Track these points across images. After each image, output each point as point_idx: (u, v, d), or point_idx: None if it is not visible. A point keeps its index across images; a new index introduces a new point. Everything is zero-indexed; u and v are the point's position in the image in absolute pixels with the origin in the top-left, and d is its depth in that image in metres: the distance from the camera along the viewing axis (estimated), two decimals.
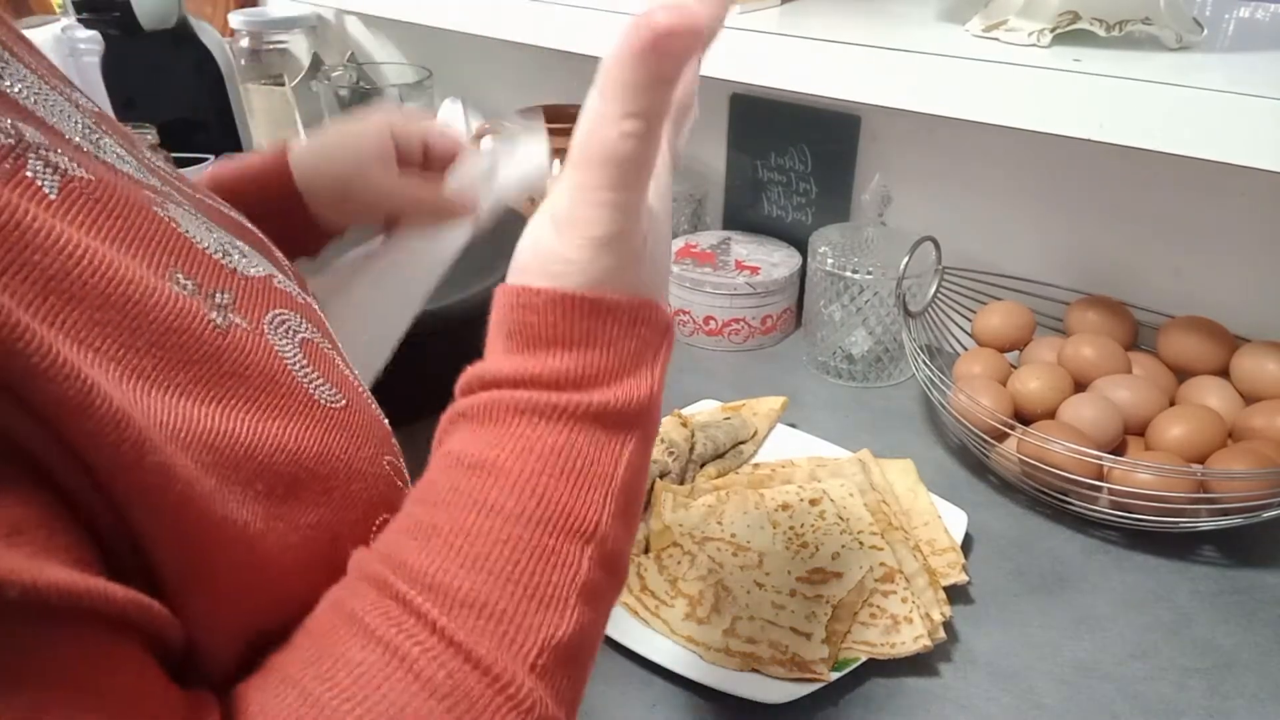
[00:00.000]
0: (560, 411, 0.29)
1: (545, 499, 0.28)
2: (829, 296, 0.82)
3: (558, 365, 0.29)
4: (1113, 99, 0.54)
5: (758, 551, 0.59)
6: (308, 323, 0.33)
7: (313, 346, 0.32)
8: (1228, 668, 0.55)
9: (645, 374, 0.30)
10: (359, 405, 0.33)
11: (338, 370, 0.33)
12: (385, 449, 0.33)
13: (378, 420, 0.34)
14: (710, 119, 1.00)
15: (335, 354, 0.34)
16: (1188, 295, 0.76)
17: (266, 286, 0.32)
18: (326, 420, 0.30)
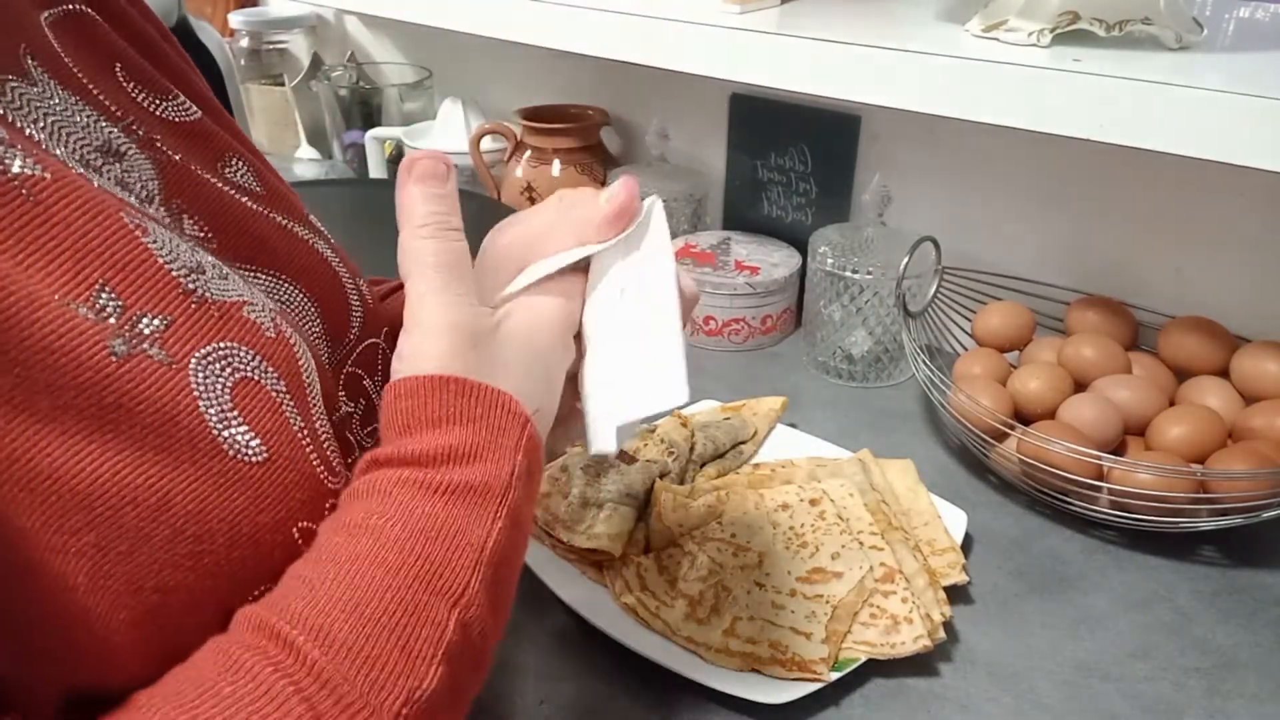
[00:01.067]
0: (430, 484, 0.31)
1: (419, 558, 0.29)
2: (829, 296, 0.82)
3: (425, 443, 0.32)
4: (1113, 99, 0.54)
5: (758, 551, 0.59)
6: (265, 362, 0.31)
7: (254, 388, 0.30)
8: (1228, 668, 0.55)
9: (505, 457, 0.32)
10: (288, 463, 0.30)
11: (278, 420, 0.30)
12: (303, 514, 0.31)
13: (310, 481, 0.31)
14: (710, 119, 1.00)
15: (290, 401, 0.31)
16: (1188, 295, 0.76)
17: (226, 314, 0.30)
18: (225, 474, 0.28)
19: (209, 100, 0.41)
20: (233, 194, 0.37)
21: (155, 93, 0.37)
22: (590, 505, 0.62)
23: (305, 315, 0.39)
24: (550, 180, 1.00)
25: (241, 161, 0.39)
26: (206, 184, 0.36)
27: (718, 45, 0.69)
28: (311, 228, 0.42)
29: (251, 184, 0.39)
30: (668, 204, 0.94)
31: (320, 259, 0.41)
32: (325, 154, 1.27)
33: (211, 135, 0.39)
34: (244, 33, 1.30)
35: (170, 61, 0.40)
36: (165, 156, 0.35)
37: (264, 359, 0.31)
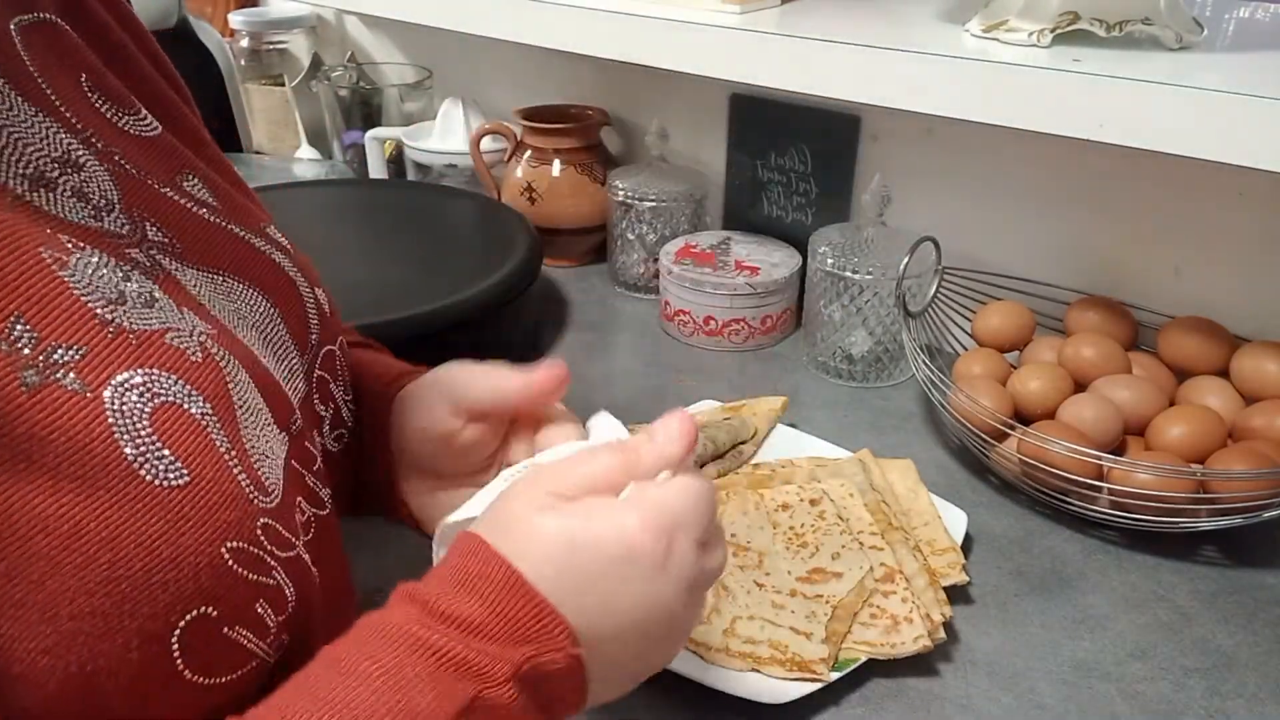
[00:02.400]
0: (433, 649, 0.32)
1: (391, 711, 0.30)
2: (829, 297, 0.82)
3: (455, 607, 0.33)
4: (1113, 99, 0.54)
5: (758, 551, 0.59)
6: (188, 386, 0.31)
7: (175, 413, 0.30)
8: (1228, 668, 0.55)
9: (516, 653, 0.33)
10: (212, 484, 0.31)
11: (202, 442, 0.31)
12: (231, 534, 0.31)
13: (237, 502, 0.31)
14: (710, 119, 1.00)
15: (216, 423, 0.32)
16: (1188, 295, 0.76)
17: (145, 341, 0.31)
18: (141, 499, 0.29)
19: (176, 112, 0.42)
20: (190, 207, 0.38)
21: (118, 106, 0.37)
22: None
23: (270, 321, 0.40)
24: (550, 180, 1.01)
25: (196, 177, 0.40)
26: (164, 197, 0.37)
27: (718, 45, 0.69)
28: (268, 239, 0.42)
29: (207, 198, 0.40)
30: (668, 204, 0.95)
31: (276, 268, 0.41)
32: (325, 154, 1.27)
33: (170, 151, 0.39)
34: (244, 33, 1.30)
35: (142, 73, 0.41)
36: (122, 170, 0.35)
37: (187, 383, 0.31)
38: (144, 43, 0.42)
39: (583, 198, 1.01)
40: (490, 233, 0.92)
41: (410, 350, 0.75)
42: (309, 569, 0.35)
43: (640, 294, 0.99)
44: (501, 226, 0.93)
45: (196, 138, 0.42)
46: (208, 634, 0.30)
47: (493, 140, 1.04)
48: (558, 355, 0.88)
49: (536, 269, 0.86)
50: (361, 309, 0.75)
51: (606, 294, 1.01)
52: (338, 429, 0.45)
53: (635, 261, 0.98)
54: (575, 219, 1.02)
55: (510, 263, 0.84)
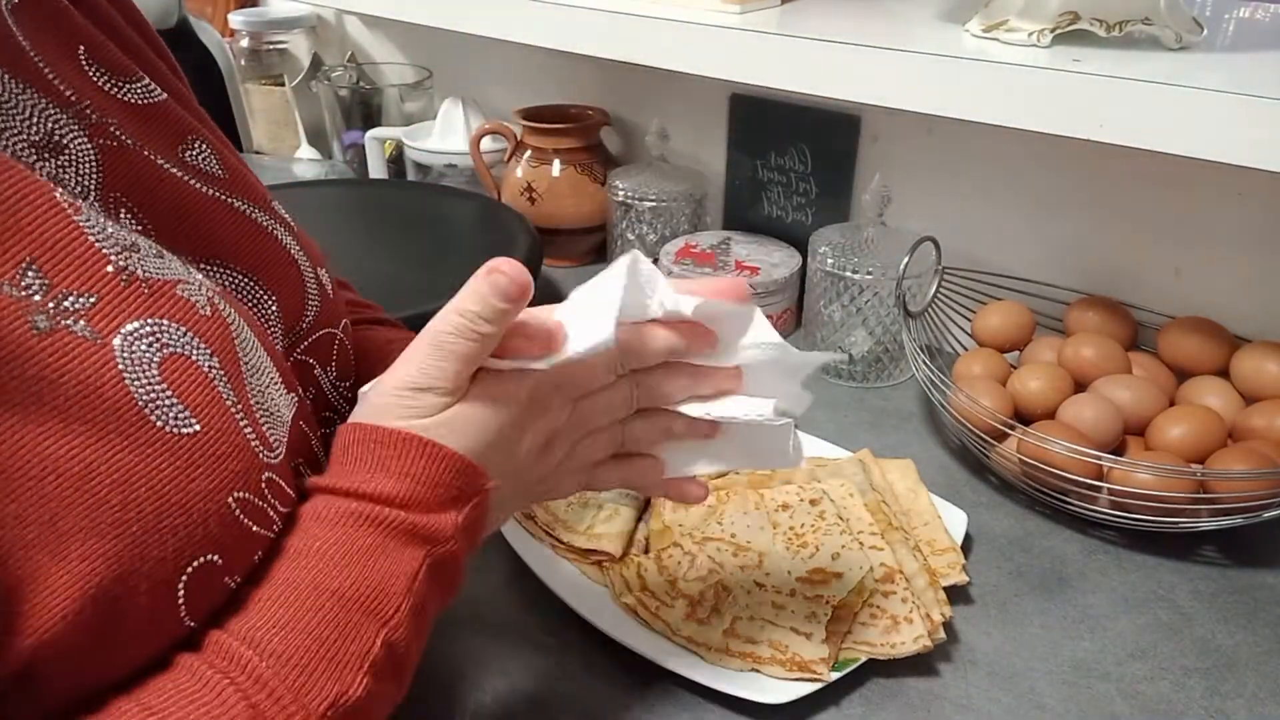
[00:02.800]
0: (375, 519, 0.34)
1: (355, 582, 0.33)
2: (829, 296, 0.82)
3: (382, 487, 0.35)
4: (1113, 99, 0.54)
5: (758, 551, 0.59)
6: (197, 339, 0.32)
7: (183, 364, 0.31)
8: (1228, 668, 0.55)
9: (451, 514, 0.36)
10: (220, 435, 0.31)
11: (210, 394, 0.32)
12: (238, 485, 0.32)
13: (244, 453, 0.32)
14: (710, 119, 1.00)
15: (224, 377, 0.33)
16: (1188, 295, 0.76)
17: (157, 291, 0.31)
18: (152, 444, 0.29)
19: (174, 85, 0.42)
20: (187, 180, 0.38)
21: (118, 75, 0.38)
22: (590, 505, 0.62)
23: (256, 301, 0.40)
24: (550, 180, 1.01)
25: (205, 144, 0.40)
26: (156, 170, 0.37)
27: (718, 45, 0.69)
28: (273, 214, 0.42)
29: (213, 167, 0.40)
30: (668, 204, 0.95)
31: (278, 245, 0.42)
32: (325, 154, 1.27)
33: (174, 117, 0.39)
34: (244, 33, 1.30)
35: (135, 45, 0.41)
36: (116, 142, 0.35)
37: (196, 335, 0.32)
38: (137, 22, 0.43)
39: (583, 198, 1.01)
40: (490, 233, 0.92)
41: None
42: None
43: None
44: (501, 226, 0.93)
45: (194, 108, 0.43)
46: (211, 581, 0.31)
47: (493, 140, 1.04)
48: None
49: (536, 269, 0.86)
50: None
51: None
52: (322, 411, 0.45)
53: None
54: (575, 219, 1.02)
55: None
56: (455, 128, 1.10)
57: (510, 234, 0.90)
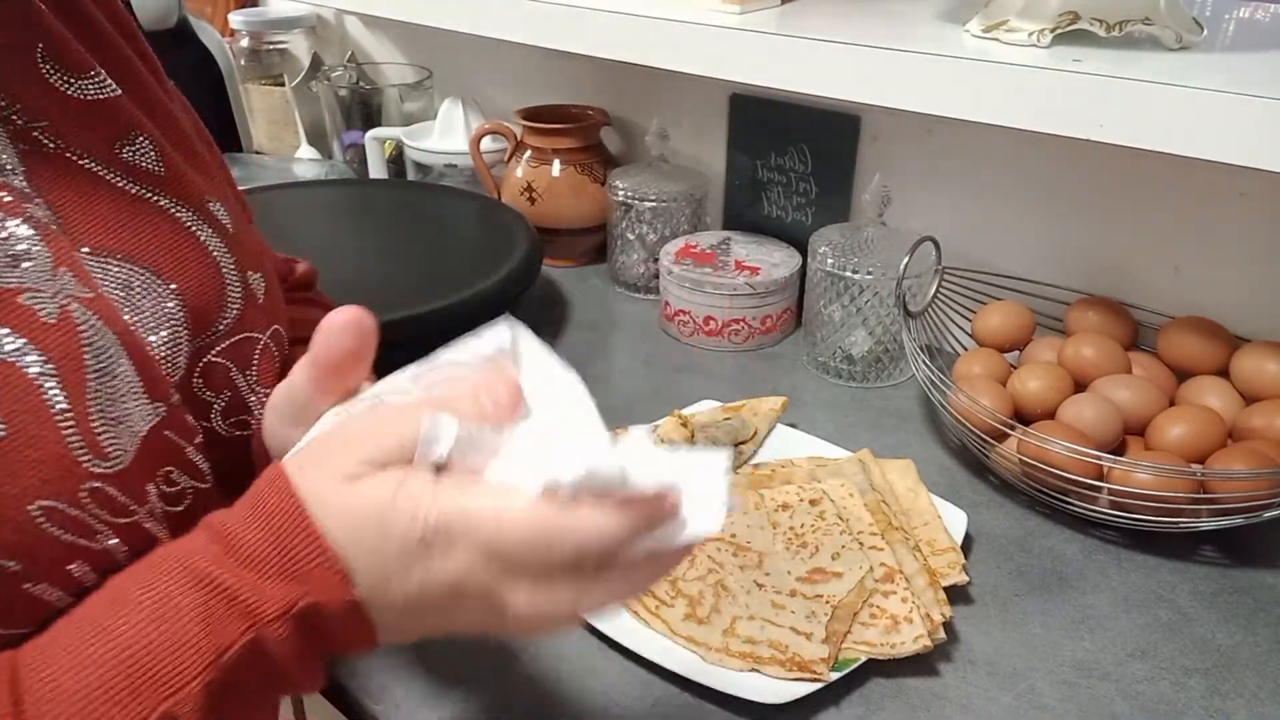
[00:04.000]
0: (204, 577, 0.31)
1: (148, 645, 0.30)
2: (829, 296, 0.82)
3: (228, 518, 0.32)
4: (1113, 99, 0.54)
5: (758, 551, 0.59)
6: (31, 346, 0.32)
7: (5, 369, 0.31)
8: (1228, 668, 0.55)
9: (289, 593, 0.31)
10: (28, 440, 0.31)
11: (29, 400, 0.31)
12: (44, 493, 0.31)
13: (57, 461, 0.31)
14: (710, 119, 1.00)
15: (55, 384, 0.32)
16: (1188, 295, 0.76)
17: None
18: None
19: (134, 74, 0.42)
20: (110, 178, 0.39)
21: (72, 71, 0.38)
22: None
23: (158, 299, 0.39)
24: (550, 180, 1.01)
25: (147, 140, 0.40)
26: (75, 168, 0.38)
27: (718, 45, 0.69)
28: (204, 214, 0.42)
29: (151, 164, 0.40)
30: (668, 204, 0.95)
31: (195, 244, 0.41)
32: (325, 154, 1.27)
33: (120, 113, 0.40)
34: (244, 33, 1.30)
35: (101, 33, 0.41)
36: (38, 146, 0.37)
37: (30, 342, 0.32)
38: (110, 9, 0.43)
39: (583, 198, 1.01)
40: (490, 233, 0.92)
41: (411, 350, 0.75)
42: (153, 537, 0.35)
43: (640, 294, 0.99)
44: (501, 226, 0.93)
45: (157, 104, 0.43)
46: (5, 588, 0.30)
47: (492, 140, 1.04)
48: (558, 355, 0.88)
49: (536, 269, 0.86)
50: None
51: (606, 294, 1.01)
52: (238, 414, 0.43)
53: (635, 261, 0.98)
54: (575, 219, 1.02)
55: (510, 263, 0.84)
56: (455, 128, 1.10)
57: (510, 234, 0.90)
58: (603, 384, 0.83)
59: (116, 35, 0.42)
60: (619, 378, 0.85)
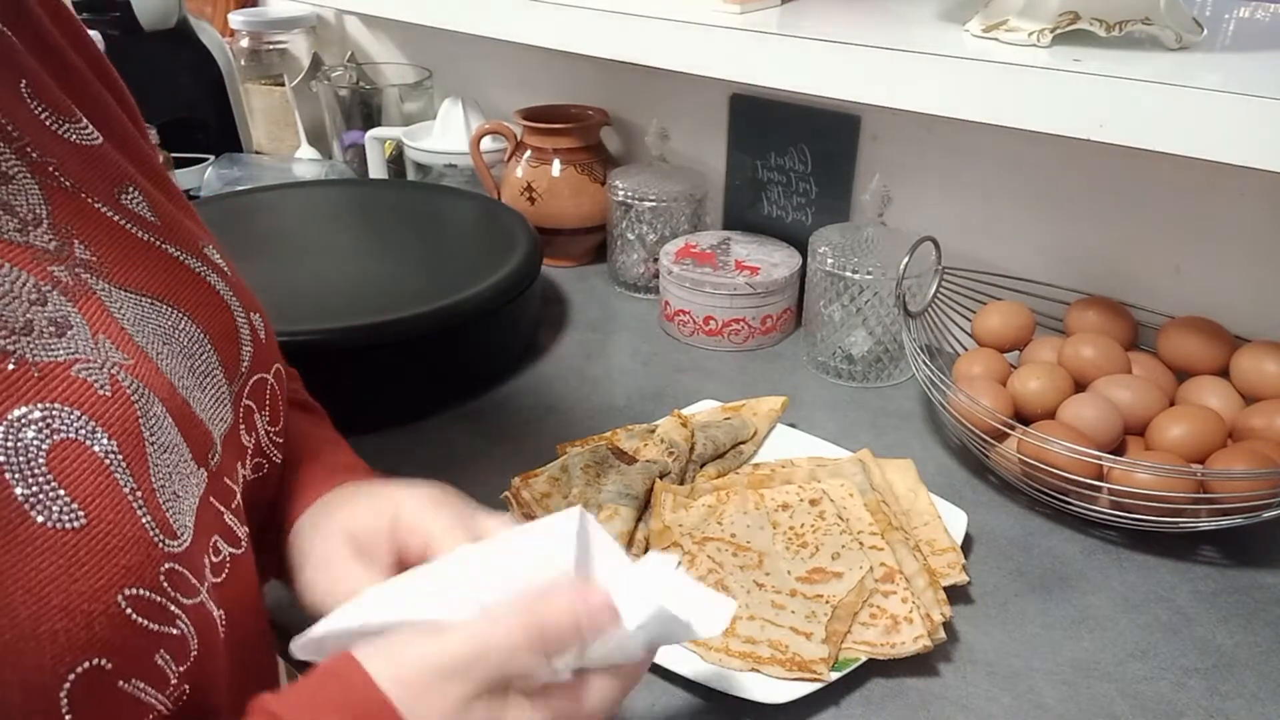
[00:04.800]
0: None
1: None
2: (829, 296, 0.82)
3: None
4: (1113, 99, 0.54)
5: (758, 551, 0.59)
6: (93, 422, 0.30)
7: (75, 450, 0.29)
8: (1228, 668, 0.55)
9: None
10: (109, 527, 0.29)
11: (103, 482, 0.29)
12: (129, 580, 0.29)
13: (138, 545, 0.30)
14: (710, 119, 1.00)
15: (121, 461, 0.30)
16: (1188, 295, 0.76)
17: (48, 375, 0.29)
18: (32, 542, 0.27)
19: (117, 122, 0.40)
20: (125, 224, 0.37)
21: (58, 113, 0.36)
22: (590, 506, 0.62)
23: (199, 346, 0.38)
24: (550, 180, 1.01)
25: (137, 190, 0.38)
26: (97, 213, 0.35)
27: (718, 45, 0.69)
28: (205, 260, 0.41)
29: (146, 214, 0.38)
30: (668, 204, 0.95)
31: (210, 292, 0.40)
32: (325, 154, 1.27)
33: (110, 162, 0.38)
34: (244, 33, 1.30)
35: (82, 80, 0.39)
36: (56, 182, 0.34)
37: (92, 419, 0.30)
38: (86, 49, 0.41)
39: (583, 198, 1.01)
40: (490, 233, 0.92)
41: (411, 350, 0.75)
42: (212, 616, 0.34)
43: (640, 294, 0.99)
44: (501, 226, 0.93)
45: (138, 150, 0.41)
46: (101, 687, 0.28)
47: (492, 140, 1.04)
48: (558, 355, 0.88)
49: (536, 269, 0.86)
50: (362, 309, 0.76)
51: (606, 294, 1.01)
52: (257, 458, 0.43)
53: (635, 261, 0.98)
54: (575, 219, 1.02)
55: (510, 263, 0.84)
56: (455, 128, 1.10)
57: (510, 234, 0.90)
58: (603, 384, 0.83)
59: (94, 79, 0.40)
60: (619, 378, 0.85)
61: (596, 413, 0.77)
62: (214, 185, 1.11)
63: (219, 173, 1.12)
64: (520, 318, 0.86)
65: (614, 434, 0.71)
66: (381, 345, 0.74)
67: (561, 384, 0.82)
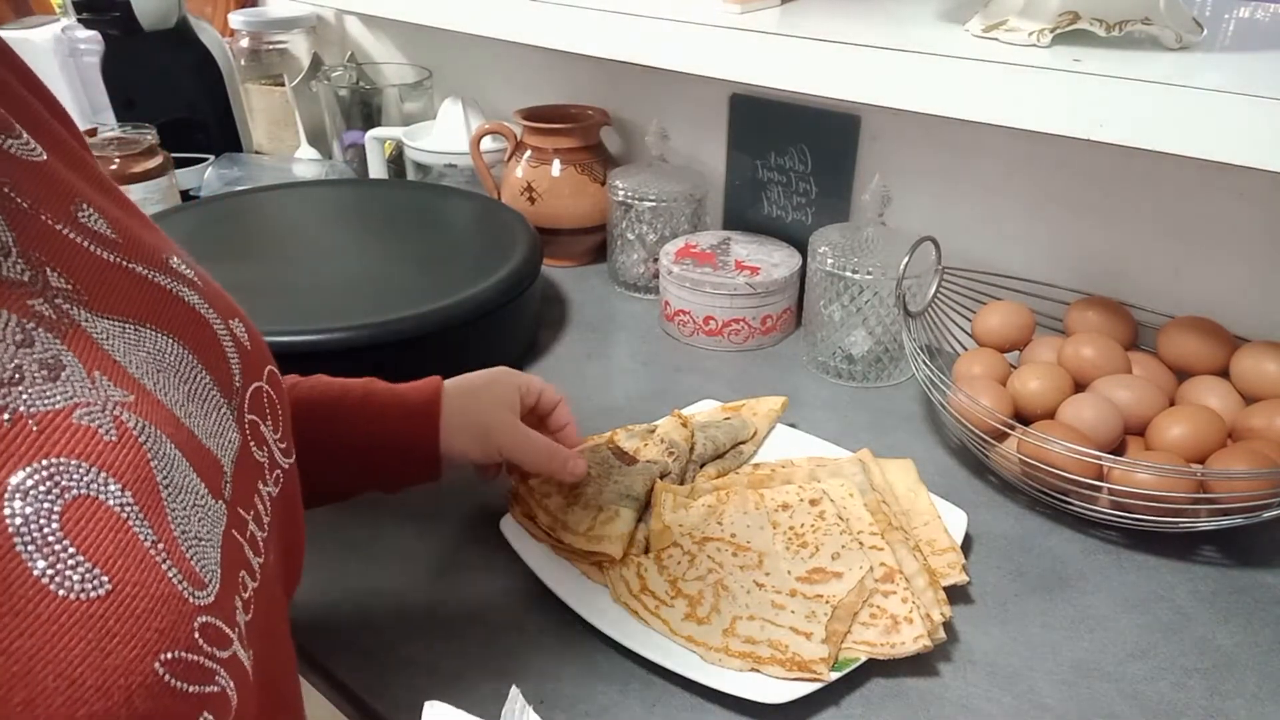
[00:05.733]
0: None
1: None
2: (829, 296, 0.82)
3: None
4: (1113, 99, 0.54)
5: (758, 551, 0.59)
6: (103, 473, 0.27)
7: (89, 507, 0.26)
8: (1228, 668, 0.55)
9: None
10: (136, 589, 0.26)
11: (123, 539, 0.27)
12: (164, 644, 0.27)
13: (168, 604, 0.27)
14: (710, 119, 1.00)
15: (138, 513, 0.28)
16: (1188, 295, 0.76)
17: (47, 426, 0.27)
18: (56, 620, 0.24)
19: (59, 139, 0.37)
20: (88, 245, 0.33)
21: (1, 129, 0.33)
22: (590, 507, 0.62)
23: (191, 369, 0.35)
24: (550, 180, 1.01)
25: (91, 208, 0.35)
26: (59, 235, 0.32)
27: (718, 45, 0.69)
28: (173, 274, 0.37)
29: (106, 231, 0.35)
30: (668, 204, 0.95)
31: (185, 308, 0.37)
32: (325, 154, 1.27)
33: (59, 178, 0.34)
34: (244, 33, 1.30)
35: (18, 97, 0.36)
36: (13, 204, 0.30)
37: (102, 469, 0.27)
38: (8, 59, 0.38)
39: (583, 198, 1.01)
40: (490, 233, 0.92)
41: (411, 350, 0.75)
42: (244, 664, 0.31)
43: (640, 294, 0.99)
44: (501, 226, 0.93)
45: (82, 163, 0.37)
46: None
47: (493, 140, 1.04)
48: (558, 355, 0.88)
49: (536, 269, 0.86)
50: (362, 309, 0.76)
51: (606, 294, 1.01)
52: (275, 471, 0.41)
53: (635, 261, 0.98)
54: (575, 219, 1.02)
55: (510, 263, 0.84)
56: (455, 128, 1.10)
57: (510, 234, 0.90)
58: (603, 384, 0.83)
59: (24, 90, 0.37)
60: (619, 378, 0.85)
61: (596, 413, 0.77)
62: (214, 185, 1.11)
63: (219, 173, 1.12)
64: (520, 318, 0.86)
65: (614, 434, 0.71)
66: (381, 345, 0.74)
67: (561, 384, 0.82)
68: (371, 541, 0.64)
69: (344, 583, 0.61)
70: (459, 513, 0.67)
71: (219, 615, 0.30)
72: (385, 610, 0.59)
